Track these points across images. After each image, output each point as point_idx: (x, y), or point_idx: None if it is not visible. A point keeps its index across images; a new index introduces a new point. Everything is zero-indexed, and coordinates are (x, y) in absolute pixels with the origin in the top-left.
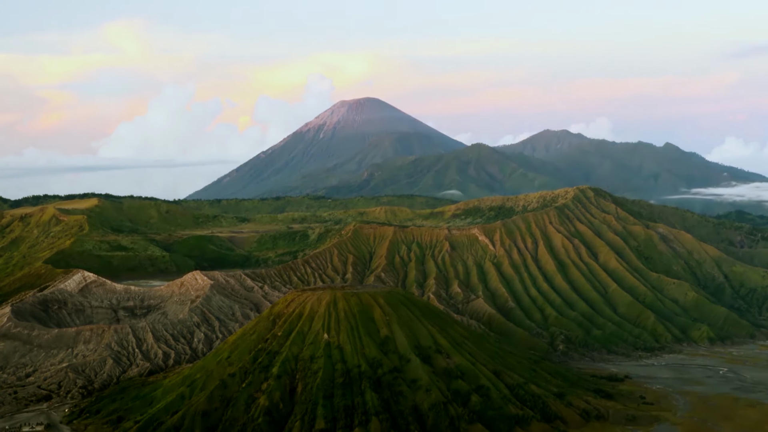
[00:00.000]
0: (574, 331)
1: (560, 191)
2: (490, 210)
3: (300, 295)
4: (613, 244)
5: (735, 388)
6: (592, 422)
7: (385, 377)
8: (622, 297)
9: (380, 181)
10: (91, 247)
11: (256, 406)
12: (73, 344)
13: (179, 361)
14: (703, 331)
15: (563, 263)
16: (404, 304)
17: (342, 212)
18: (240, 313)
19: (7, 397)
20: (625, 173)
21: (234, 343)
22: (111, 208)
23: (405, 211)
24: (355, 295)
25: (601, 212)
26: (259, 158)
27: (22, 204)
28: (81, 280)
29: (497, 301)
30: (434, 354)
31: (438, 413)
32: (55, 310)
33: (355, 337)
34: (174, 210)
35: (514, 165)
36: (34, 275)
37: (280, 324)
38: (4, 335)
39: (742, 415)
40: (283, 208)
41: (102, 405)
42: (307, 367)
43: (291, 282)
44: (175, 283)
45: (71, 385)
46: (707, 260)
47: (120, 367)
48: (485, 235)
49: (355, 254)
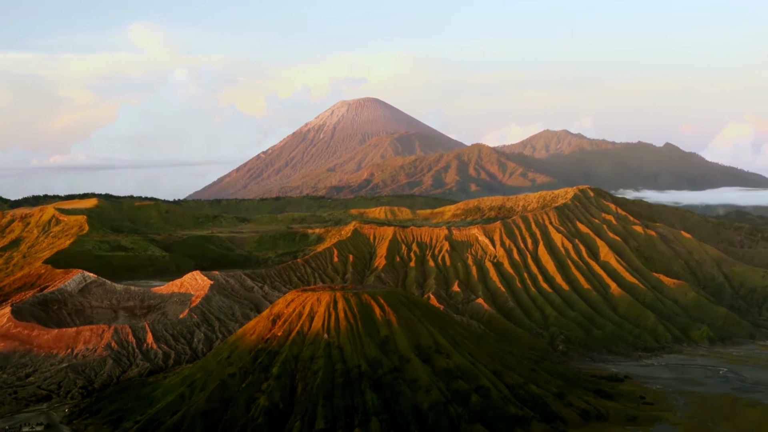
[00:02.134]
0: (574, 331)
1: (560, 191)
2: (490, 210)
3: (300, 295)
4: (613, 244)
5: (735, 388)
6: (592, 422)
7: (385, 377)
8: (622, 297)
9: (380, 181)
10: (91, 247)
11: (256, 406)
12: (73, 344)
13: (179, 361)
14: (703, 331)
15: (563, 263)
16: (404, 304)
17: (342, 212)
18: (240, 313)
19: (7, 397)
20: (625, 173)
21: (234, 343)
22: (111, 208)
23: (405, 211)
24: (355, 295)
25: (601, 212)
26: (259, 158)
27: (22, 204)
28: (81, 280)
29: (497, 301)
30: (434, 354)
31: (438, 413)
32: (55, 310)
33: (355, 337)
34: (174, 210)
35: (514, 165)
36: (34, 275)
37: (280, 324)
38: (4, 335)
39: (742, 415)
40: (283, 208)
41: (102, 405)
42: (307, 367)
43: (291, 282)
44: (175, 283)
45: (71, 385)
46: (707, 260)
47: (120, 367)
48: (485, 235)
49: (355, 254)
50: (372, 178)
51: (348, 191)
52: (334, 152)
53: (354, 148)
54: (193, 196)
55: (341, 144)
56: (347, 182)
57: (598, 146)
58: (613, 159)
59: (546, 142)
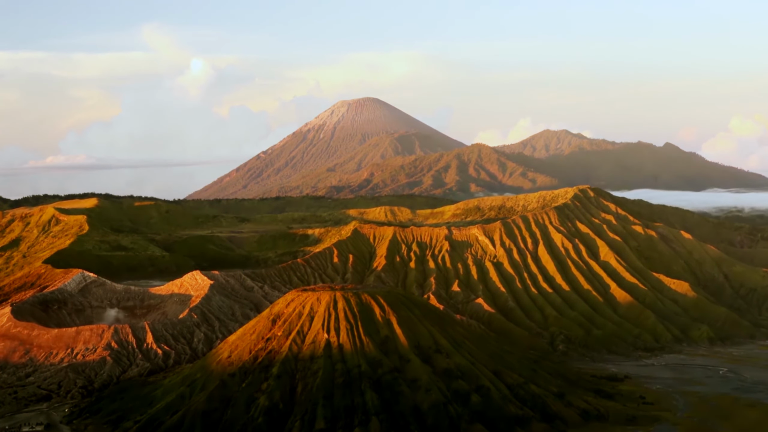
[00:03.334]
0: (574, 331)
1: (560, 191)
2: (490, 210)
3: (300, 295)
4: (613, 244)
5: (735, 388)
6: (592, 422)
7: (385, 377)
8: (622, 297)
9: (380, 181)
10: (91, 247)
11: (256, 406)
12: (73, 344)
13: (179, 361)
14: (703, 331)
15: (563, 263)
16: (404, 304)
17: (342, 212)
18: (240, 313)
19: (7, 397)
20: (625, 173)
21: (234, 343)
22: (111, 208)
23: (405, 211)
24: (355, 295)
25: (601, 212)
26: (259, 158)
27: (22, 204)
28: (81, 280)
29: (497, 301)
30: (434, 354)
31: (438, 413)
32: (55, 310)
33: (355, 337)
34: (174, 210)
35: (514, 165)
36: (34, 275)
37: (280, 324)
38: (4, 335)
39: (742, 415)
40: (283, 208)
41: (102, 405)
42: (307, 367)
43: (291, 282)
44: (175, 283)
45: (71, 385)
46: (707, 260)
47: (120, 367)
48: (485, 235)
49: (355, 254)
50: (372, 178)
51: (348, 191)
52: (334, 152)
53: (354, 148)
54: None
55: (341, 144)
56: (347, 182)
57: (598, 146)
58: (613, 159)
59: (546, 142)
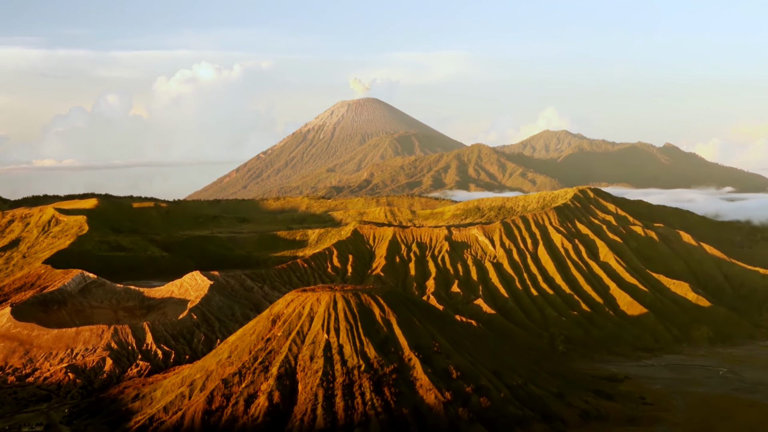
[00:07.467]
0: (574, 331)
1: (560, 191)
2: (490, 210)
3: (300, 295)
4: (613, 245)
5: (735, 389)
6: (592, 423)
7: (385, 377)
8: (622, 297)
9: (380, 181)
10: (91, 248)
11: (256, 406)
12: (73, 344)
13: (179, 361)
14: (703, 332)
15: (563, 263)
16: (404, 305)
17: (342, 212)
18: (240, 314)
19: (7, 398)
20: (625, 173)
21: (234, 343)
22: (111, 208)
23: (405, 211)
24: (355, 295)
25: (600, 213)
26: (259, 158)
27: (22, 204)
28: (81, 280)
29: (497, 302)
30: (434, 354)
31: (438, 414)
32: (55, 310)
33: (355, 337)
34: (174, 210)
35: (514, 165)
36: (34, 275)
37: (280, 324)
38: (4, 335)
39: (742, 415)
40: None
41: (102, 405)
42: (307, 367)
43: (291, 282)
44: (175, 284)
45: (71, 385)
46: (707, 260)
47: (120, 367)
48: (485, 235)
49: (355, 254)
50: (372, 178)
51: (348, 191)
52: (333, 152)
53: (354, 148)
54: (193, 196)
55: (341, 144)
56: (347, 182)
57: (598, 146)
58: (613, 159)
59: (546, 143)
